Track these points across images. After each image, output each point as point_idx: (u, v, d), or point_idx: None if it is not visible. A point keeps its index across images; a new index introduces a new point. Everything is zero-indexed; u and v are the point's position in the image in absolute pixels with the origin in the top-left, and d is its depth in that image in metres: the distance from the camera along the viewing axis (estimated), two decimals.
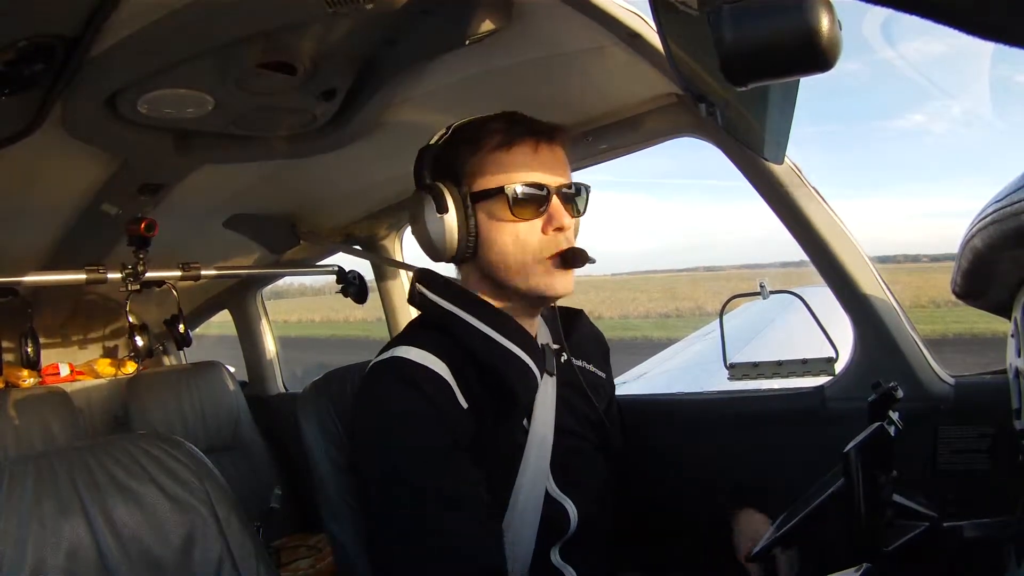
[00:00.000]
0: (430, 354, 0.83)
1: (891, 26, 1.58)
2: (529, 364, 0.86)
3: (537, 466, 0.87)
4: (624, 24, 0.96)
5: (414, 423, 0.80)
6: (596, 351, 1.06)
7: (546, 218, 0.86)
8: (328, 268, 2.02)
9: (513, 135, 0.86)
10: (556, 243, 0.86)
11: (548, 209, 0.86)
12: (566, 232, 0.87)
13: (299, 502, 2.17)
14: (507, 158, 0.86)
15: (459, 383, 0.83)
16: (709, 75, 0.58)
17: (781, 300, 1.51)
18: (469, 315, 0.87)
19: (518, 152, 0.86)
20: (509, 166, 0.86)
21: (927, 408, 1.08)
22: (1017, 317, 0.78)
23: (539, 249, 0.86)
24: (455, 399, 0.82)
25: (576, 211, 0.91)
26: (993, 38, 0.34)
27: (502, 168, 0.86)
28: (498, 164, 0.86)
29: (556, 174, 0.88)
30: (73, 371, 2.62)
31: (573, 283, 0.89)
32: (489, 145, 0.86)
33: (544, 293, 0.88)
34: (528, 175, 0.86)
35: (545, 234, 0.86)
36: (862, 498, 0.72)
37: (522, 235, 0.86)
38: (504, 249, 0.87)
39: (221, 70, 0.99)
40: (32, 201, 1.46)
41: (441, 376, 0.82)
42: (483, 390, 0.85)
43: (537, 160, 0.87)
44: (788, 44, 0.38)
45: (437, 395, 0.81)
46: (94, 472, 0.93)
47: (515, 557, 0.84)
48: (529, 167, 0.86)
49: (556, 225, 0.86)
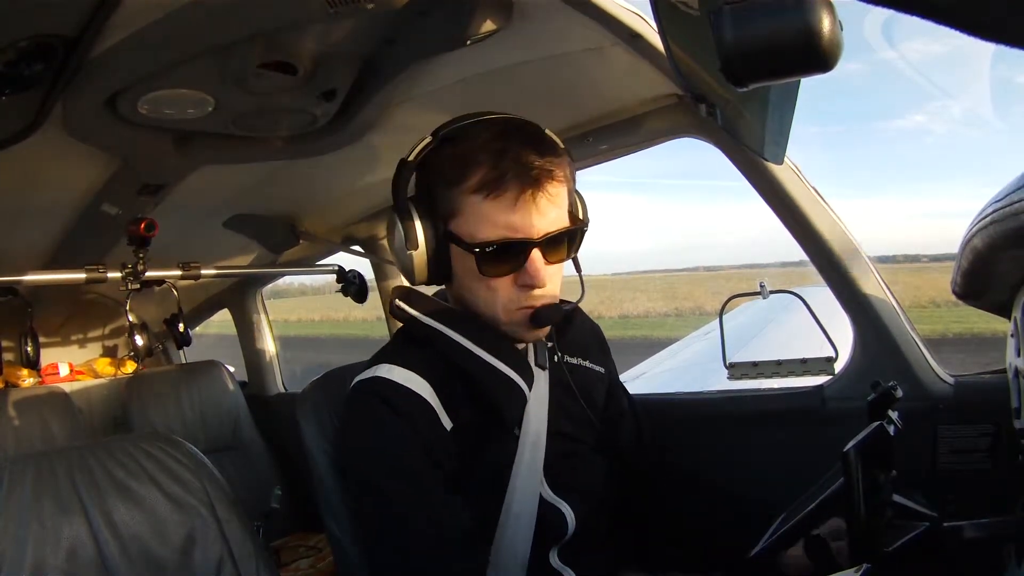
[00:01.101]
0: (413, 373, 0.82)
1: (892, 26, 1.58)
2: (514, 378, 0.84)
3: (530, 470, 0.86)
4: (625, 24, 0.96)
5: (395, 451, 0.80)
6: (593, 345, 1.04)
7: (520, 273, 0.80)
8: (328, 268, 2.02)
9: (498, 181, 0.77)
10: (529, 299, 0.82)
11: (524, 266, 0.80)
12: (540, 289, 0.81)
13: (299, 502, 2.16)
14: (486, 207, 0.78)
15: (443, 402, 0.82)
16: (709, 75, 0.58)
17: (781, 300, 1.50)
18: (452, 331, 0.85)
19: (502, 201, 0.78)
20: (488, 216, 0.78)
21: (927, 408, 1.08)
22: (1017, 317, 0.78)
23: (508, 302, 0.82)
24: (438, 421, 0.81)
25: (566, 253, 0.84)
26: (993, 38, 0.34)
27: (479, 217, 0.79)
28: (475, 211, 0.79)
29: (543, 222, 0.79)
30: (73, 370, 2.62)
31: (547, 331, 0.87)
32: (471, 184, 0.78)
33: (514, 339, 0.86)
34: (507, 230, 0.78)
35: (518, 287, 0.81)
36: (862, 498, 0.72)
37: (491, 288, 0.82)
38: (476, 294, 0.84)
39: (221, 70, 0.99)
40: (32, 201, 1.46)
41: (423, 398, 0.81)
42: (469, 406, 0.84)
43: (523, 210, 0.78)
44: (789, 44, 0.38)
45: (419, 419, 0.80)
46: (94, 472, 0.93)
47: (512, 561, 0.84)
48: (509, 223, 0.78)
49: (529, 283, 0.80)
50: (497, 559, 0.84)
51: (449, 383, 0.83)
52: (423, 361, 0.84)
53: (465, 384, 0.84)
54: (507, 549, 0.84)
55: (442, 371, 0.84)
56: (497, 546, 0.84)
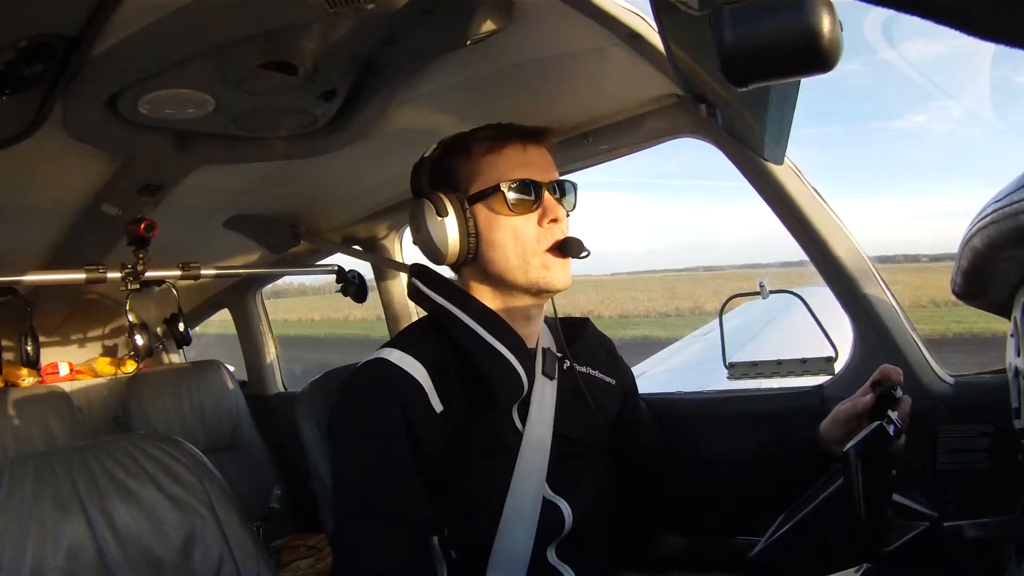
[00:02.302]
0: (410, 357, 0.87)
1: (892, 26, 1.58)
2: (515, 366, 0.88)
3: (532, 468, 0.87)
4: (625, 24, 0.96)
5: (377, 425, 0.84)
6: (603, 357, 1.07)
7: (541, 212, 0.90)
8: (328, 268, 2.02)
9: (502, 139, 0.92)
10: (552, 234, 0.91)
11: (542, 203, 0.91)
12: (561, 224, 0.91)
13: (299, 502, 2.16)
14: (498, 159, 0.91)
15: (437, 386, 0.86)
16: (709, 75, 0.58)
17: (781, 300, 1.50)
18: (460, 311, 0.91)
19: (508, 153, 0.92)
20: (501, 166, 0.91)
21: (927, 408, 1.08)
22: (1017, 317, 0.78)
23: (536, 241, 0.90)
24: (427, 403, 0.85)
25: (572, 204, 0.95)
26: (993, 38, 0.34)
27: (495, 169, 0.91)
28: (491, 166, 0.91)
29: (545, 172, 0.93)
30: (73, 370, 2.62)
31: (570, 277, 0.92)
32: (480, 150, 0.92)
33: (543, 286, 0.90)
34: (520, 172, 0.90)
35: (541, 227, 0.90)
36: (862, 498, 0.72)
37: (519, 229, 0.90)
38: (504, 244, 0.90)
39: (222, 70, 0.99)
40: (32, 201, 1.46)
41: (415, 378, 0.85)
42: (465, 390, 0.87)
43: (526, 159, 0.92)
44: (789, 44, 0.38)
45: (407, 398, 0.85)
46: (94, 472, 0.93)
47: (511, 556, 0.84)
48: (520, 165, 0.91)
49: (551, 217, 0.90)
50: (497, 554, 0.84)
51: (448, 368, 0.88)
52: (426, 347, 0.89)
53: (465, 368, 0.88)
54: (507, 546, 0.84)
55: (443, 357, 0.88)
56: (497, 542, 0.85)
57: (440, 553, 0.86)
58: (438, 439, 0.84)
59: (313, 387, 1.14)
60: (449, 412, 0.86)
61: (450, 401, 0.86)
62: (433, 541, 0.86)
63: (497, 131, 0.93)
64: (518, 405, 0.90)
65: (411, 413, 0.84)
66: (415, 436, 0.83)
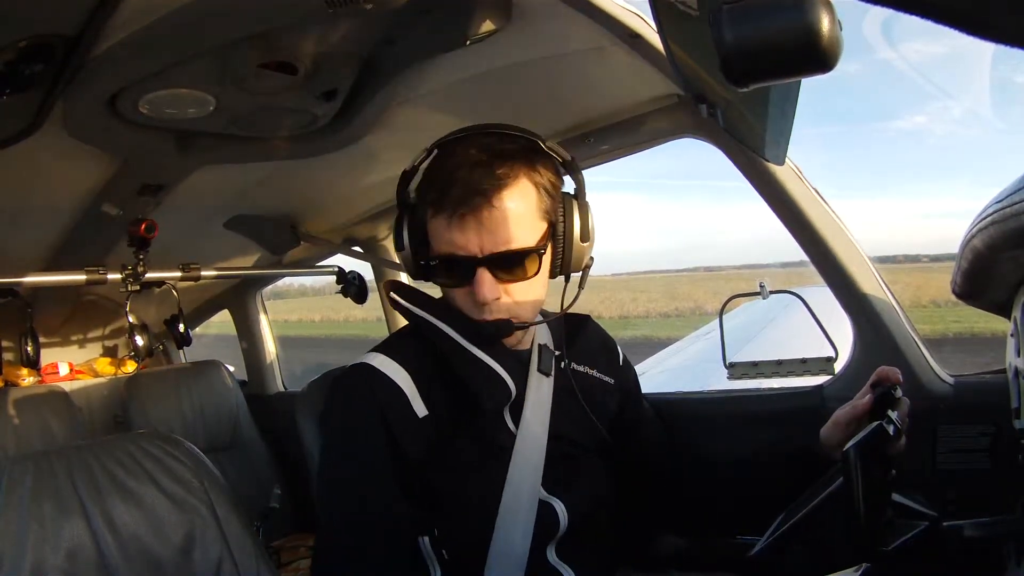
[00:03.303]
0: (393, 362, 0.87)
1: (891, 26, 1.58)
2: (497, 371, 0.87)
3: (527, 468, 0.87)
4: (624, 24, 0.96)
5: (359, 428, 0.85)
6: (603, 356, 1.05)
7: (472, 287, 0.83)
8: (328, 268, 2.02)
9: (441, 199, 0.82)
10: (481, 312, 0.85)
11: (473, 280, 0.83)
12: (490, 305, 0.84)
13: (299, 502, 2.16)
14: (435, 223, 0.84)
15: (421, 390, 0.86)
16: (709, 76, 0.58)
17: (781, 300, 1.50)
18: (438, 321, 0.89)
19: (442, 219, 0.82)
20: (435, 231, 0.85)
21: (927, 408, 1.08)
22: (1017, 317, 0.78)
23: (472, 308, 0.86)
24: (409, 407, 0.85)
25: (527, 272, 0.84)
26: (993, 38, 0.34)
27: (433, 231, 0.86)
28: (432, 224, 0.85)
29: (489, 240, 0.81)
30: (73, 370, 2.62)
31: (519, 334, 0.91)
32: (429, 198, 0.84)
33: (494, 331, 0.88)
34: (448, 247, 0.83)
35: (478, 300, 0.84)
36: (861, 498, 0.71)
37: (458, 298, 0.88)
38: (450, 294, 0.89)
39: (222, 70, 0.99)
40: (32, 201, 1.46)
41: (396, 383, 0.86)
42: (450, 395, 0.87)
43: (458, 229, 0.81)
44: (788, 45, 0.38)
45: (387, 401, 0.85)
46: (94, 472, 0.93)
47: (509, 556, 0.84)
48: (450, 237, 0.82)
49: (479, 299, 0.83)
50: (494, 554, 0.84)
51: (431, 373, 0.88)
52: (409, 352, 0.89)
53: (447, 374, 0.87)
54: (503, 545, 0.84)
55: (426, 362, 0.88)
56: (494, 542, 0.84)
57: (432, 552, 0.86)
58: (421, 443, 0.85)
59: (313, 387, 1.14)
60: (434, 416, 0.86)
61: (435, 405, 0.86)
62: (424, 541, 0.86)
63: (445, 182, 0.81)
64: (509, 407, 0.89)
65: (391, 417, 0.84)
66: (394, 440, 0.84)
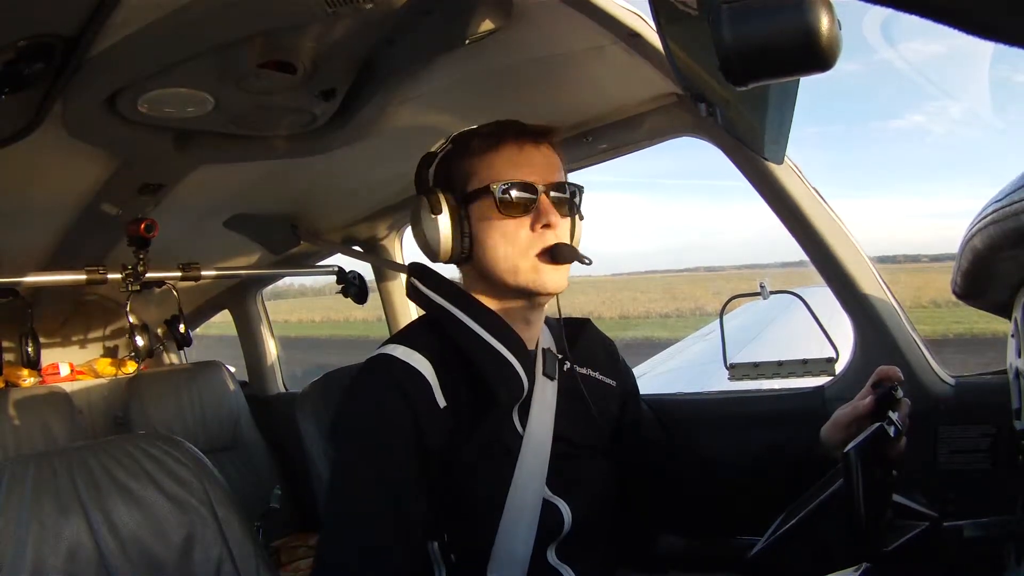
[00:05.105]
0: (415, 352, 0.87)
1: (891, 26, 1.57)
2: (515, 366, 0.87)
3: (532, 470, 0.87)
4: (624, 24, 0.96)
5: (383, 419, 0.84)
6: (604, 359, 1.06)
7: (534, 215, 0.88)
8: (328, 268, 2.02)
9: (500, 137, 0.89)
10: (543, 240, 0.88)
11: (536, 207, 0.88)
12: (554, 229, 0.88)
13: (299, 502, 2.17)
14: (494, 158, 0.89)
15: (441, 381, 0.86)
16: (709, 75, 0.58)
17: (781, 300, 1.50)
18: (460, 311, 0.90)
19: (504, 152, 0.89)
20: (496, 166, 0.88)
21: (927, 408, 1.08)
22: (1017, 317, 0.78)
23: (527, 246, 0.88)
24: (432, 397, 0.85)
25: (569, 211, 0.91)
26: (993, 38, 0.34)
27: (490, 168, 0.88)
28: (486, 165, 0.89)
29: (544, 174, 0.89)
30: (73, 371, 2.62)
31: (566, 280, 0.90)
32: (479, 148, 0.90)
33: (533, 289, 0.89)
34: (513, 173, 0.88)
35: (534, 231, 0.88)
36: (862, 498, 0.71)
37: (509, 233, 0.88)
38: (494, 247, 0.88)
39: (221, 70, 0.99)
40: (32, 201, 1.46)
41: (421, 373, 0.85)
42: (466, 389, 0.87)
43: (523, 159, 0.89)
44: (788, 44, 0.38)
45: (415, 392, 0.84)
46: (94, 472, 0.93)
47: (511, 557, 0.84)
48: (515, 166, 0.88)
49: (543, 222, 0.87)
50: (497, 555, 0.84)
51: (450, 365, 0.87)
52: (429, 343, 0.89)
53: (465, 366, 0.87)
54: (507, 547, 0.84)
55: (445, 353, 0.88)
56: (497, 543, 0.85)
57: (440, 557, 0.86)
58: (441, 435, 0.84)
59: (314, 387, 1.14)
60: (452, 408, 0.85)
61: (453, 397, 0.86)
62: (433, 546, 0.85)
63: (497, 128, 0.91)
64: (518, 407, 0.89)
65: (417, 407, 0.84)
66: (420, 430, 0.83)
